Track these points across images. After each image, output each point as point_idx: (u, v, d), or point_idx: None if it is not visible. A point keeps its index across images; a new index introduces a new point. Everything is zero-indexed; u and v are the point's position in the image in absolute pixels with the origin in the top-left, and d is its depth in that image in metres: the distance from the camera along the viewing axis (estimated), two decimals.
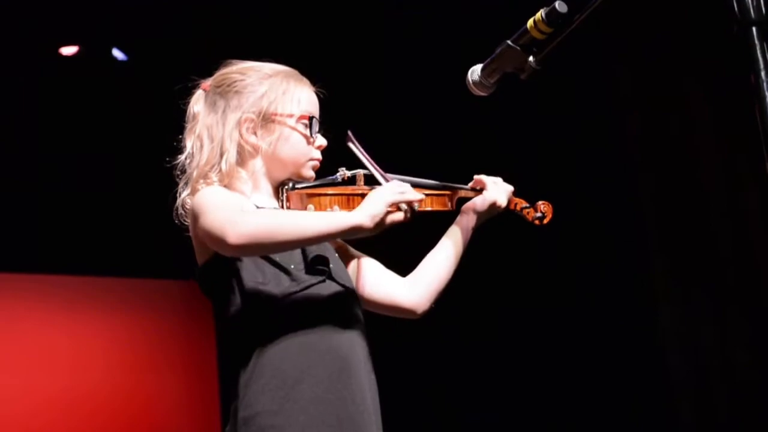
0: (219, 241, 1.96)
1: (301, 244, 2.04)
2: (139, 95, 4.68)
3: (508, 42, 2.04)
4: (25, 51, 4.56)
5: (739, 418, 4.19)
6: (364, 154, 2.18)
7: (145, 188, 4.54)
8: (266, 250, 2.03)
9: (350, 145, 2.19)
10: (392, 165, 2.23)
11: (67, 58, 4.73)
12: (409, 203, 2.06)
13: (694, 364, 4.32)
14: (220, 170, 2.15)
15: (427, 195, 2.22)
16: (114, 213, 4.95)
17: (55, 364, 5.08)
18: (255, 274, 2.07)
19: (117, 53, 4.79)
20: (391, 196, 2.03)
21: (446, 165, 2.38)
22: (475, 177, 2.39)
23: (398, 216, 2.04)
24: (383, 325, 2.32)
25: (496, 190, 2.36)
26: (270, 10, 4.57)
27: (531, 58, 2.03)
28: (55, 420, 4.99)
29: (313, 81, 2.28)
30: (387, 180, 2.15)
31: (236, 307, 2.07)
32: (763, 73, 1.50)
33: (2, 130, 4.66)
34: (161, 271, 5.19)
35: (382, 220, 2.01)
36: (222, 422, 2.05)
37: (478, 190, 2.37)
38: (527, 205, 2.40)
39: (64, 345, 5.14)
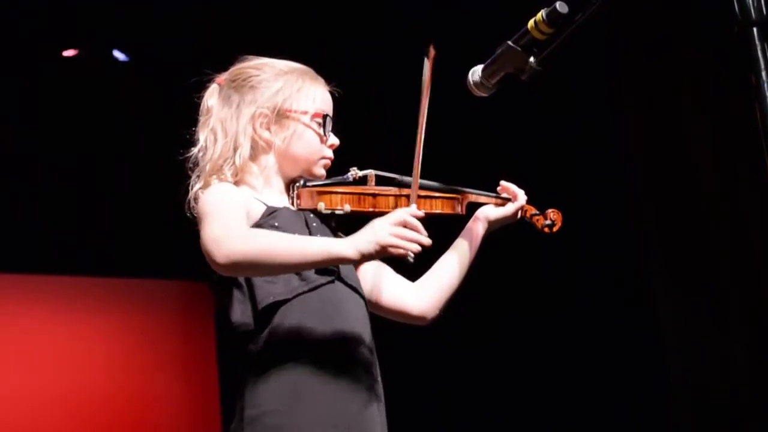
0: (208, 256, 1.97)
1: (285, 270, 2.02)
2: (139, 96, 4.68)
3: (509, 43, 2.04)
4: (26, 52, 4.56)
5: (739, 418, 4.19)
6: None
7: (146, 188, 4.57)
8: (251, 272, 2.03)
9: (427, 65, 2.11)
10: (393, 166, 2.23)
11: (67, 59, 4.73)
12: (404, 255, 1.98)
13: (694, 365, 4.32)
14: (234, 164, 2.15)
15: (436, 198, 2.22)
16: (114, 213, 4.95)
17: (54, 365, 5.07)
18: None
19: (118, 54, 4.79)
20: (388, 238, 1.96)
21: (445, 166, 2.37)
22: (505, 185, 2.37)
23: (395, 252, 1.98)
24: (386, 328, 2.31)
25: (518, 205, 2.36)
26: (269, 9, 4.57)
27: (532, 59, 2.03)
28: (54, 420, 4.98)
29: (327, 80, 2.28)
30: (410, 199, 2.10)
31: (245, 304, 2.07)
32: (763, 74, 1.50)
33: (2, 131, 4.65)
34: (161, 271, 5.18)
35: (370, 256, 1.98)
36: (222, 422, 2.05)
37: (496, 197, 2.36)
38: (537, 212, 2.38)
39: (64, 345, 5.13)
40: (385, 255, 1.98)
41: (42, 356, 5.06)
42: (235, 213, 2.06)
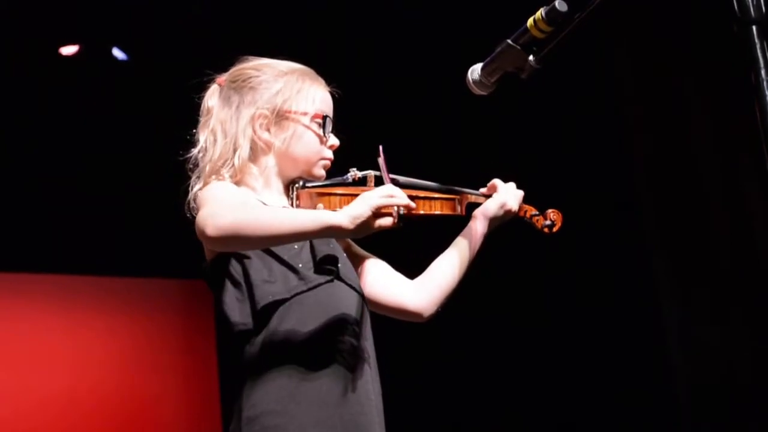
0: (200, 232, 1.97)
1: (279, 240, 2.02)
2: (139, 95, 4.68)
3: (508, 41, 2.04)
4: (25, 51, 4.56)
5: (742, 418, 4.18)
6: (386, 171, 2.12)
7: (146, 187, 4.57)
8: (244, 244, 2.01)
9: (379, 161, 2.12)
10: (393, 166, 2.22)
11: (67, 58, 4.73)
12: (396, 208, 1.99)
13: (697, 365, 4.32)
14: (233, 165, 2.15)
15: (435, 199, 2.21)
16: (114, 212, 4.95)
17: (54, 364, 5.07)
18: (262, 272, 2.06)
19: (117, 53, 4.79)
20: (377, 199, 1.97)
21: (446, 164, 2.37)
22: (491, 182, 2.37)
23: (386, 221, 1.99)
24: (387, 326, 2.31)
25: (508, 195, 2.35)
26: (271, 9, 4.57)
27: (531, 58, 2.03)
28: (55, 420, 4.98)
29: (328, 81, 2.28)
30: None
31: (243, 304, 2.07)
32: (763, 72, 1.50)
33: (2, 130, 4.65)
34: (161, 270, 5.18)
35: (364, 223, 1.96)
36: (222, 421, 2.05)
37: (490, 196, 2.36)
38: (537, 212, 2.39)
39: (64, 344, 5.13)
40: (378, 225, 1.97)
41: (40, 356, 5.06)
42: (239, 197, 2.07)
